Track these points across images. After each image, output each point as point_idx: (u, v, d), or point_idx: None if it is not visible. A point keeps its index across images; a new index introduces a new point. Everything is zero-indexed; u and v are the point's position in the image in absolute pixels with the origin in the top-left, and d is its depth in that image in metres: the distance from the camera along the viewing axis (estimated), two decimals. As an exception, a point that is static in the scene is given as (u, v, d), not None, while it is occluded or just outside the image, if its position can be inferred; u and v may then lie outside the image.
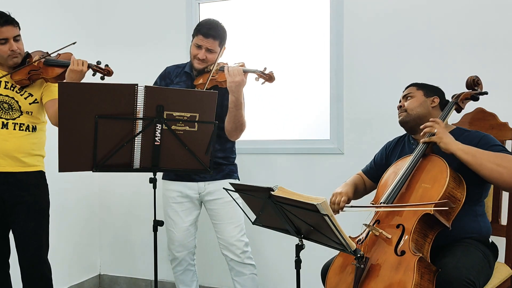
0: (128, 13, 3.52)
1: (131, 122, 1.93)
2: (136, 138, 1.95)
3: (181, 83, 2.55)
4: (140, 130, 1.94)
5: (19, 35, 2.35)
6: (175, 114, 1.97)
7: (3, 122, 2.33)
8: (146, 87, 1.92)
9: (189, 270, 2.68)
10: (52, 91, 2.41)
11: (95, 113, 1.88)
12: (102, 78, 2.41)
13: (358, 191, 2.28)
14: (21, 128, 2.37)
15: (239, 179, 2.66)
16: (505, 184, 1.86)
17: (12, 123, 2.35)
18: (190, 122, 2.00)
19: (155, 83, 2.63)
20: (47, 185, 2.50)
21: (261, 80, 2.41)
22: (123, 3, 3.54)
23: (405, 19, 2.81)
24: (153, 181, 2.03)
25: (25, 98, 2.38)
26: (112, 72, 2.43)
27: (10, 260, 2.49)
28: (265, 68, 2.39)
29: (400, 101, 2.24)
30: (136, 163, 1.99)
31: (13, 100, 2.36)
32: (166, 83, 2.59)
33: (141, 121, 1.93)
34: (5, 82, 2.36)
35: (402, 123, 2.18)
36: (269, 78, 2.39)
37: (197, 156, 2.02)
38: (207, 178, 2.51)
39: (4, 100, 2.34)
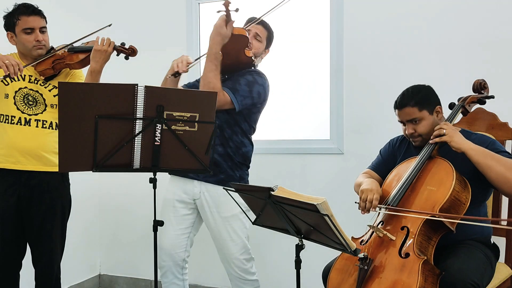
0: (128, 13, 3.53)
1: (131, 122, 1.92)
2: (136, 138, 1.94)
3: None
4: (140, 130, 1.94)
5: (45, 27, 2.38)
6: (175, 114, 1.96)
7: (25, 119, 2.32)
8: (146, 87, 1.91)
9: (176, 284, 2.45)
10: (79, 78, 2.44)
11: (95, 113, 1.87)
12: (127, 58, 2.42)
13: None
14: (44, 126, 2.36)
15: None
16: (509, 191, 1.86)
17: (35, 119, 2.34)
18: (190, 122, 1.99)
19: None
20: (68, 185, 2.50)
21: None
22: (123, 3, 3.55)
23: (406, 19, 2.81)
24: (153, 181, 2.03)
25: (50, 91, 2.38)
26: (137, 51, 2.42)
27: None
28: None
29: (404, 124, 2.11)
30: (136, 163, 1.99)
31: (38, 94, 2.35)
32: None
33: (141, 121, 1.93)
34: (29, 76, 2.37)
35: (420, 147, 2.07)
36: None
37: (197, 156, 2.02)
38: (200, 178, 2.34)
39: (29, 93, 2.33)
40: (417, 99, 2.06)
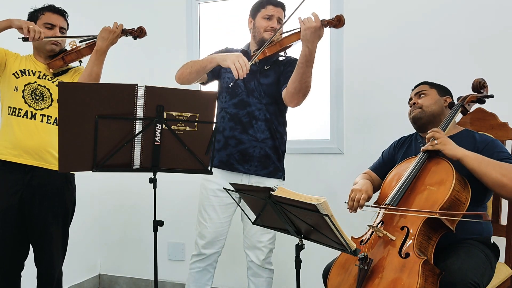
0: (128, 12, 3.52)
1: (131, 122, 1.92)
2: (136, 138, 1.95)
3: None
4: (140, 130, 1.94)
5: (65, 29, 2.47)
6: (175, 114, 1.97)
7: (31, 112, 2.35)
8: (146, 87, 1.91)
9: (208, 271, 2.53)
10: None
11: (95, 113, 1.87)
12: (135, 38, 2.46)
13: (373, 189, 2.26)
14: (49, 121, 2.38)
15: (284, 180, 2.51)
16: (507, 195, 1.86)
17: (40, 114, 2.36)
18: (190, 122, 1.99)
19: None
20: (72, 188, 2.49)
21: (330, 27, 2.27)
22: (123, 3, 3.55)
23: (406, 19, 2.81)
24: (153, 181, 2.03)
25: (57, 85, 2.39)
26: (145, 32, 2.45)
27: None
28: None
29: (410, 99, 2.23)
30: (136, 163, 1.99)
31: (45, 89, 2.40)
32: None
33: (141, 121, 1.93)
34: (39, 72, 2.42)
35: (416, 119, 2.15)
36: (338, 21, 2.18)
37: (197, 156, 2.02)
38: (251, 171, 2.40)
39: (37, 88, 2.38)
40: (433, 83, 2.22)
